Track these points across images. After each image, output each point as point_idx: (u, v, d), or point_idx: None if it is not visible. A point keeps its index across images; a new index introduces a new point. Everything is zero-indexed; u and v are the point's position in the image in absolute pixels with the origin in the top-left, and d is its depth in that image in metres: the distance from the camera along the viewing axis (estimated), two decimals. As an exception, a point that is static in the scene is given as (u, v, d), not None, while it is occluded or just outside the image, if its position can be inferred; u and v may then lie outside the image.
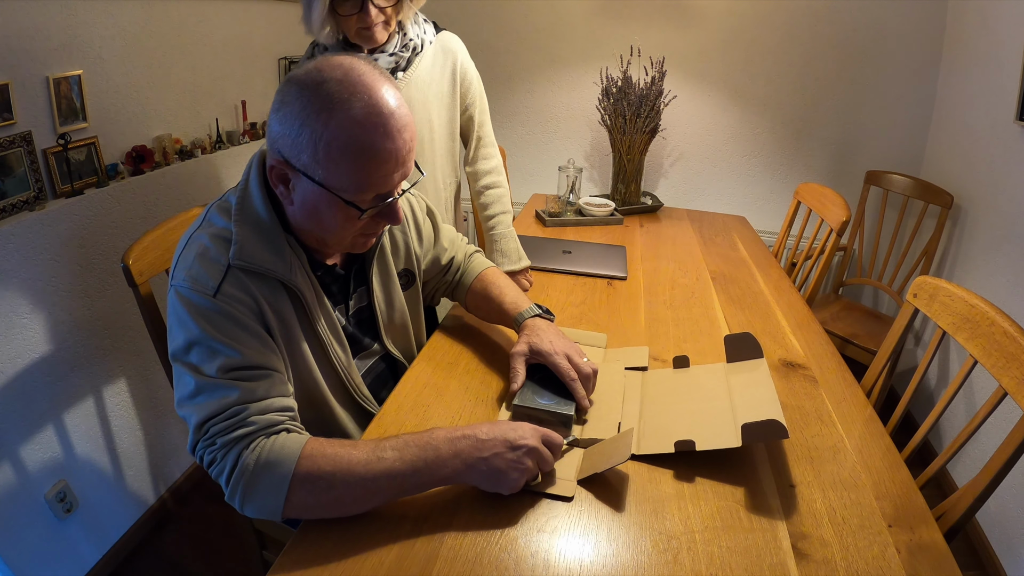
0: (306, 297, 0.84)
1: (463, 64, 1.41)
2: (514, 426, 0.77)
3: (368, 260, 0.97)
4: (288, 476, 0.69)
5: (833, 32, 2.26)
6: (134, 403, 1.57)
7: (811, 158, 2.46)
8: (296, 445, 0.71)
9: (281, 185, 0.78)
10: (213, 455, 0.72)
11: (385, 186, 0.77)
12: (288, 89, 0.73)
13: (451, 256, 1.16)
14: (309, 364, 0.87)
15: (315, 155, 0.72)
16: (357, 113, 0.71)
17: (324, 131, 0.71)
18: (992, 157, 1.86)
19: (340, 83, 0.71)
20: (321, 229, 0.81)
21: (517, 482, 0.74)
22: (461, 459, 0.73)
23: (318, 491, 0.70)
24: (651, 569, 0.69)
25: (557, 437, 0.79)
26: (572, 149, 2.63)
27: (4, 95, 1.16)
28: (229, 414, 0.72)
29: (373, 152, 0.73)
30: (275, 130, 0.75)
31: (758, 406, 0.88)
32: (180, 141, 1.65)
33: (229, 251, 0.77)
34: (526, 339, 0.97)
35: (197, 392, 0.74)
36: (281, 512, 0.69)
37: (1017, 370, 0.86)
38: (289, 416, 0.76)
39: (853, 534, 0.76)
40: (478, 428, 0.76)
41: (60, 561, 1.40)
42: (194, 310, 0.75)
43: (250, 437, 0.71)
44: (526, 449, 0.75)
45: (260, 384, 0.75)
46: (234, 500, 0.71)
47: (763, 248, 1.81)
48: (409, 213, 1.07)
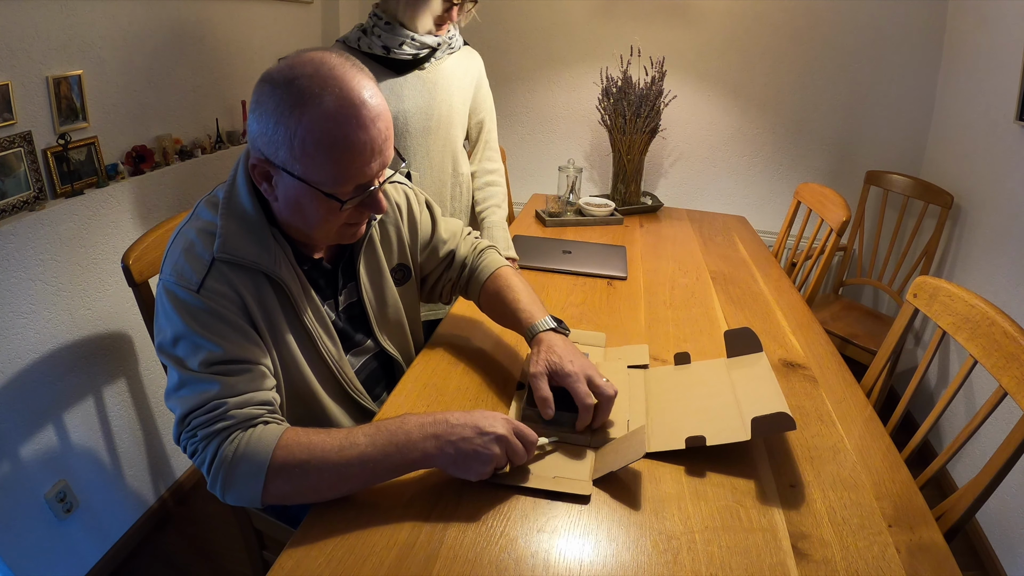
0: (291, 290, 0.85)
1: (482, 76, 1.57)
2: (486, 414, 0.78)
3: (355, 254, 0.97)
4: (264, 466, 0.72)
5: (833, 32, 2.26)
6: (134, 403, 1.57)
7: (811, 158, 2.46)
8: (272, 436, 0.74)
9: (264, 182, 0.79)
10: (195, 446, 0.75)
11: (364, 176, 0.78)
12: (262, 88, 0.74)
13: (450, 249, 1.12)
14: (296, 358, 0.87)
15: (292, 151, 0.74)
16: (329, 107, 0.72)
17: (298, 127, 0.72)
18: (992, 157, 1.86)
19: (311, 78, 0.73)
20: (305, 223, 0.82)
21: (484, 468, 0.75)
22: (431, 443, 0.75)
23: (294, 478, 0.72)
24: (651, 569, 0.69)
25: (532, 434, 0.79)
26: (572, 149, 2.63)
27: (4, 95, 1.16)
28: (209, 407, 0.74)
29: (348, 144, 0.74)
30: (253, 129, 0.76)
31: (763, 399, 0.89)
32: (180, 141, 1.65)
33: (214, 244, 0.79)
34: (545, 358, 0.92)
35: (181, 385, 0.77)
36: (260, 500, 0.72)
37: (1017, 370, 0.86)
38: (268, 409, 0.78)
39: (853, 534, 0.76)
40: (450, 414, 0.77)
41: (60, 561, 1.40)
42: (179, 304, 0.77)
43: (228, 430, 0.74)
44: (494, 436, 0.75)
45: (241, 378, 0.77)
46: (215, 489, 0.74)
47: (763, 248, 1.81)
48: (404, 205, 1.06)
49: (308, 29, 2.16)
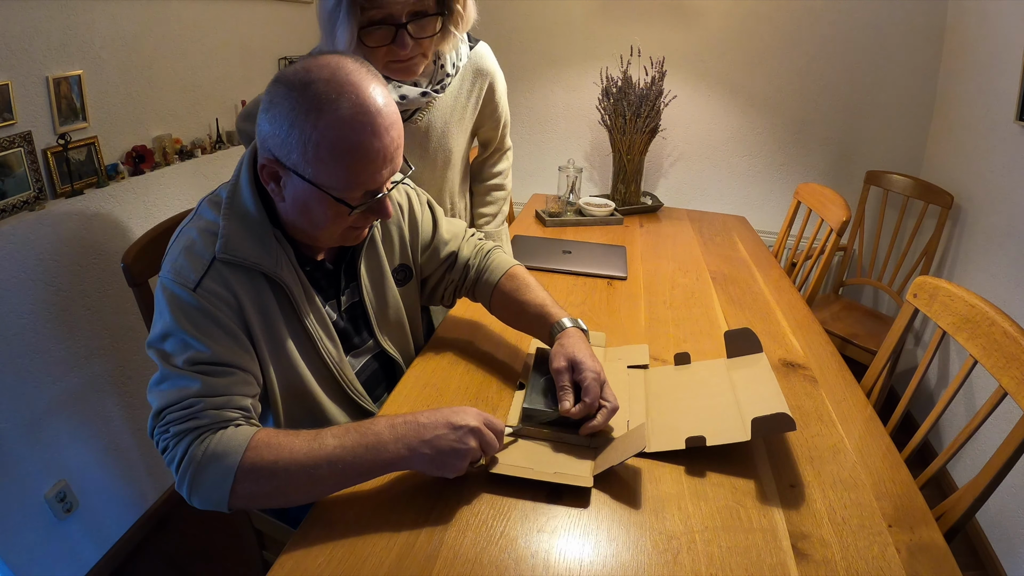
0: (292, 291, 0.85)
1: (494, 83, 1.33)
2: (455, 409, 0.78)
3: (357, 255, 0.97)
4: (234, 468, 0.70)
5: (833, 32, 2.26)
6: (134, 403, 1.57)
7: (811, 158, 2.46)
8: (244, 437, 0.73)
9: (272, 183, 0.79)
10: (166, 443, 0.74)
11: (374, 183, 0.78)
12: (277, 89, 0.74)
13: (452, 251, 1.11)
14: (294, 360, 0.87)
15: (305, 154, 0.74)
16: (345, 113, 0.72)
17: (313, 132, 0.72)
18: (992, 157, 1.86)
19: (328, 83, 0.72)
20: (311, 225, 0.82)
21: (461, 463, 0.75)
22: (403, 443, 0.74)
23: (262, 480, 0.71)
24: (651, 569, 0.69)
25: (499, 423, 0.80)
26: (572, 149, 2.63)
27: (4, 95, 1.16)
28: (185, 404, 0.74)
29: (362, 151, 0.74)
30: (265, 130, 0.76)
31: (763, 400, 0.89)
32: (180, 141, 1.65)
33: (215, 244, 0.79)
34: (570, 352, 0.91)
35: (162, 380, 0.76)
36: (227, 503, 0.71)
37: (1017, 370, 0.86)
38: (244, 415, 0.77)
39: (853, 534, 0.76)
40: (419, 414, 0.77)
41: (60, 561, 1.40)
42: (173, 301, 0.77)
43: (201, 430, 0.73)
44: (467, 429, 0.75)
45: (222, 380, 0.76)
46: (182, 490, 0.73)
47: (763, 248, 1.81)
48: (405, 205, 1.06)
49: (308, 29, 2.16)
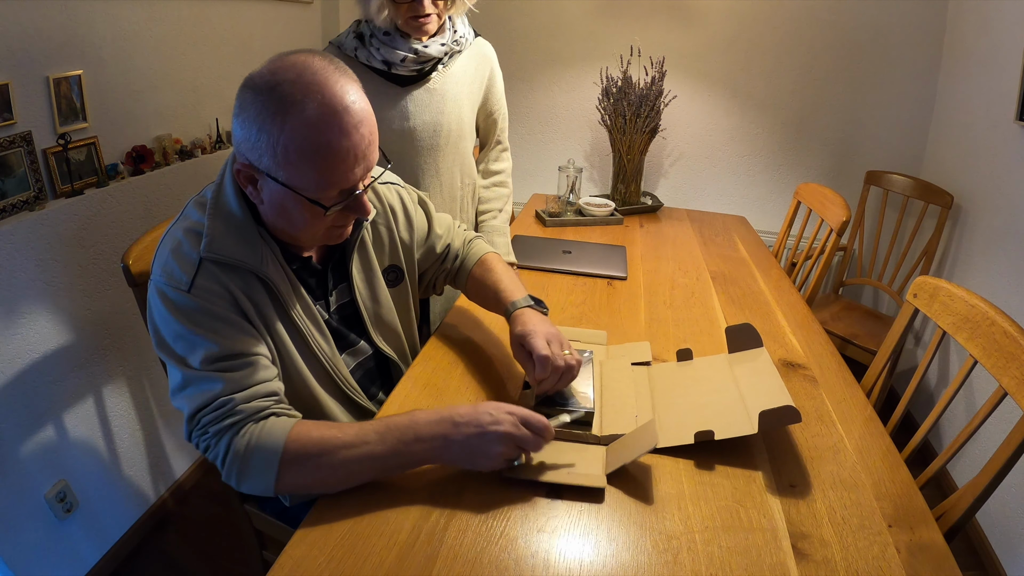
0: (279, 288, 0.85)
1: (494, 71, 1.47)
2: (489, 408, 0.79)
3: (348, 254, 0.97)
4: (276, 459, 0.74)
5: (833, 32, 2.26)
6: (134, 403, 1.57)
7: (811, 158, 2.46)
8: (283, 429, 0.76)
9: (250, 186, 0.79)
10: (207, 443, 0.77)
11: (347, 182, 0.78)
12: (244, 94, 0.74)
13: (446, 243, 1.14)
14: (291, 353, 0.88)
15: (275, 158, 0.74)
16: (311, 114, 0.72)
17: (281, 134, 0.72)
18: (992, 157, 1.86)
19: (293, 84, 0.72)
20: (291, 226, 0.82)
21: (494, 462, 0.77)
22: (439, 439, 0.77)
23: (305, 472, 0.75)
24: (651, 569, 0.69)
25: (542, 419, 0.80)
26: (572, 149, 2.63)
27: (4, 95, 1.16)
28: (217, 405, 0.76)
29: (331, 151, 0.74)
30: (237, 134, 0.76)
31: (767, 393, 0.90)
32: (180, 141, 1.65)
33: (200, 244, 0.79)
34: (519, 329, 0.96)
35: (185, 384, 0.78)
36: (273, 489, 0.75)
37: (1017, 370, 0.86)
38: (275, 400, 0.80)
39: (853, 534, 0.76)
40: (456, 410, 0.79)
41: (60, 561, 1.39)
42: (171, 305, 0.78)
43: (239, 424, 0.76)
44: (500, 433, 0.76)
45: (243, 373, 0.78)
46: (231, 480, 0.77)
47: (763, 248, 1.81)
48: (399, 206, 1.06)
49: (308, 29, 2.16)
